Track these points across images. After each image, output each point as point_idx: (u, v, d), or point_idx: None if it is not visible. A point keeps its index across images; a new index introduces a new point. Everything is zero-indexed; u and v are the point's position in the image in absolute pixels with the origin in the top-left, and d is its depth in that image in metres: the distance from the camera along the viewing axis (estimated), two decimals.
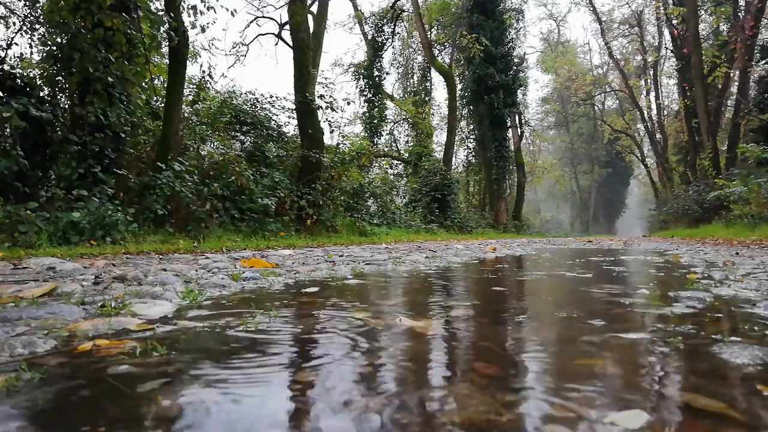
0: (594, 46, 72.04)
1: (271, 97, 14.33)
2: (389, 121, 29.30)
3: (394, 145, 30.31)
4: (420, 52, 29.64)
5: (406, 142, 29.83)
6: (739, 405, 0.86)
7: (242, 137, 13.45)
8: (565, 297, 2.37)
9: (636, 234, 41.71)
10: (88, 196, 6.79)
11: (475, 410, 0.83)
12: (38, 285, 2.28)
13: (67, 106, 7.85)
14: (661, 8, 29.23)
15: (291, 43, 13.99)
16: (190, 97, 12.96)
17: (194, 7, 9.42)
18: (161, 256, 5.18)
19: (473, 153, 30.96)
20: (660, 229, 27.53)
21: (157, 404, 0.86)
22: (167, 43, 9.36)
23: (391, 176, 23.86)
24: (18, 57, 8.40)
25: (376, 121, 26.90)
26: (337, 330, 1.50)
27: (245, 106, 13.62)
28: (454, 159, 28.95)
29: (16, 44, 8.22)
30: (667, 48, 33.79)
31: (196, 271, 3.31)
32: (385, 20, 27.37)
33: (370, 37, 27.80)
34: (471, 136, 30.75)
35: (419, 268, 3.97)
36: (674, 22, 26.23)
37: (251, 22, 23.50)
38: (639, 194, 63.56)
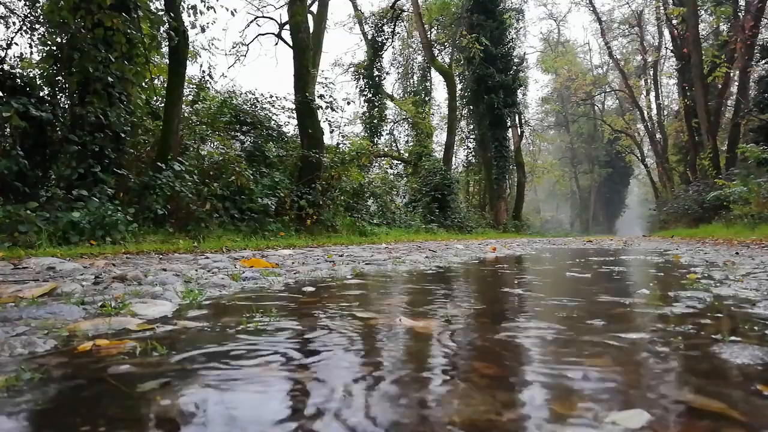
0: (594, 46, 71.91)
1: (271, 97, 14.34)
2: (389, 121, 29.31)
3: (394, 145, 30.32)
4: (420, 52, 29.65)
5: (406, 142, 29.84)
6: (739, 405, 0.86)
7: (242, 137, 13.44)
8: (565, 297, 2.37)
9: (636, 234, 41.72)
10: (88, 196, 6.78)
11: (475, 410, 0.83)
12: (38, 285, 2.28)
13: (67, 106, 7.84)
14: (661, 8, 29.24)
15: (291, 43, 13.99)
16: (190, 97, 12.96)
17: (194, 7, 9.42)
18: (161, 256, 5.18)
19: (473, 153, 30.96)
20: (660, 229, 27.53)
21: (157, 404, 0.86)
22: (167, 43, 9.36)
23: (391, 176, 23.85)
24: (18, 57, 8.39)
25: (376, 121, 26.90)
26: (337, 330, 1.50)
27: (245, 106, 13.61)
28: (454, 159, 28.95)
29: (16, 44, 8.21)
30: (667, 48, 33.78)
31: (196, 271, 3.31)
32: (385, 20, 27.36)
33: (370, 37, 27.79)
34: (471, 136, 30.74)
35: (419, 268, 3.97)
36: (674, 22, 26.22)
37: (251, 22, 23.50)
38: (639, 194, 63.53)
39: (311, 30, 15.18)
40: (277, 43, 25.56)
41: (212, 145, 11.77)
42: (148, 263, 4.10)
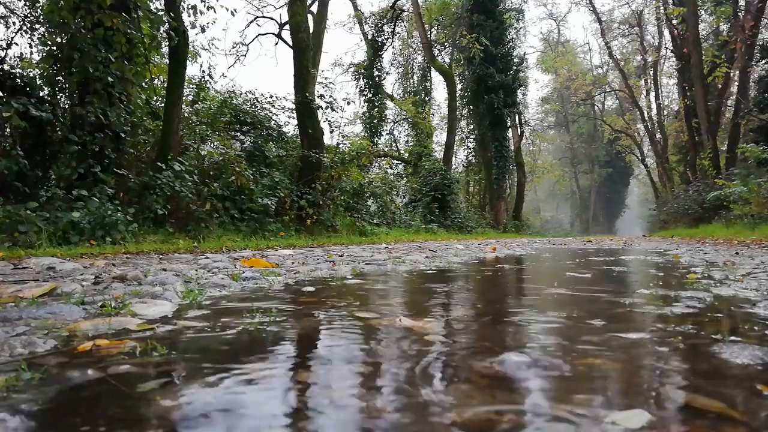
0: (594, 46, 71.85)
1: (271, 97, 14.34)
2: (389, 121, 29.32)
3: (394, 145, 30.32)
4: (420, 52, 29.66)
5: (406, 142, 29.85)
6: (739, 405, 0.86)
7: (242, 137, 13.44)
8: (565, 297, 2.37)
9: (636, 234, 41.73)
10: (88, 196, 6.79)
11: (475, 410, 0.83)
12: (38, 285, 2.28)
13: (67, 106, 7.85)
14: (661, 8, 29.25)
15: (291, 43, 14.00)
16: (190, 97, 12.96)
17: (194, 7, 9.43)
18: (161, 256, 5.18)
19: (473, 153, 30.97)
20: (660, 229, 27.53)
21: (157, 404, 0.86)
22: (167, 43, 9.36)
23: (391, 176, 23.86)
24: (18, 57, 8.39)
25: (376, 121, 26.91)
26: (337, 330, 1.50)
27: (245, 106, 13.62)
28: (454, 159, 28.96)
29: (16, 44, 8.22)
30: (667, 48, 33.78)
31: (196, 271, 3.31)
32: (385, 20, 27.37)
33: (370, 37, 27.80)
34: (471, 136, 30.76)
35: (419, 268, 3.97)
36: (674, 22, 26.22)
37: (251, 22, 23.52)
38: (639, 194, 63.56)
39: (311, 30, 15.18)
40: (277, 43, 25.58)
41: (212, 145, 11.78)
42: (148, 263, 4.10)
